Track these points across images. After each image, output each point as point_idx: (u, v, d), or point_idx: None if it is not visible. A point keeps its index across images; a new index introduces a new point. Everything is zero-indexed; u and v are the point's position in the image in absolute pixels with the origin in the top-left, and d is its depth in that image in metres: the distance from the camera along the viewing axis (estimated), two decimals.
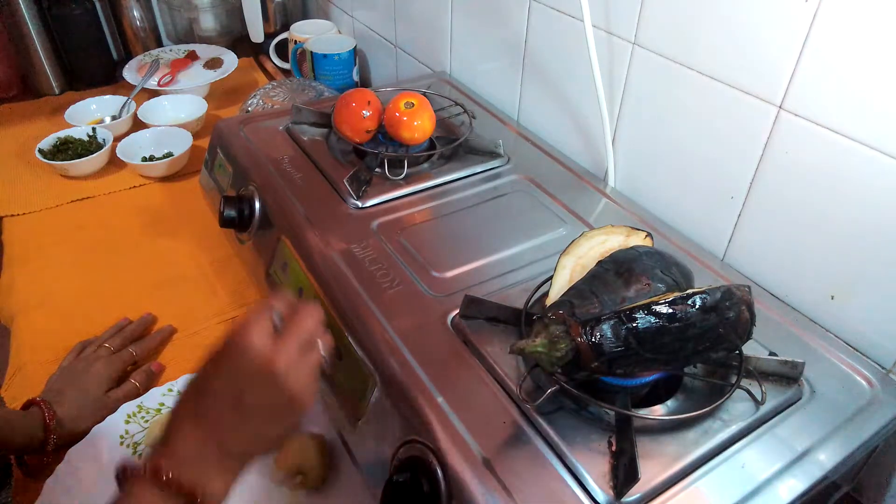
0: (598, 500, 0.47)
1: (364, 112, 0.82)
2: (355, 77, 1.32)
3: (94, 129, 1.17)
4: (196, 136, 1.18)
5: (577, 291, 0.54)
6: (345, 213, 0.76)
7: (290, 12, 1.55)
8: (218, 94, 1.38)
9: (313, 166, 0.84)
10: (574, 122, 0.89)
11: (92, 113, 1.26)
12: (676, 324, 0.47)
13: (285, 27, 1.42)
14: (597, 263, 0.56)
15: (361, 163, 0.83)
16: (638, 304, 0.48)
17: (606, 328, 0.47)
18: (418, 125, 0.82)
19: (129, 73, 1.36)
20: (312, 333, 0.51)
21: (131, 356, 0.80)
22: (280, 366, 0.47)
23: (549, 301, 0.56)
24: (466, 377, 0.56)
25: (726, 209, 0.71)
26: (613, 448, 0.50)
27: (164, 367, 0.81)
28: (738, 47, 0.64)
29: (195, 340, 0.84)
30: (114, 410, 0.74)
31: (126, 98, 1.27)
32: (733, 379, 0.54)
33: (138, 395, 0.76)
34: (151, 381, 0.79)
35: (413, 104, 0.82)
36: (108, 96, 1.29)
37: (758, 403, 0.53)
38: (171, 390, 0.76)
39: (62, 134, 1.15)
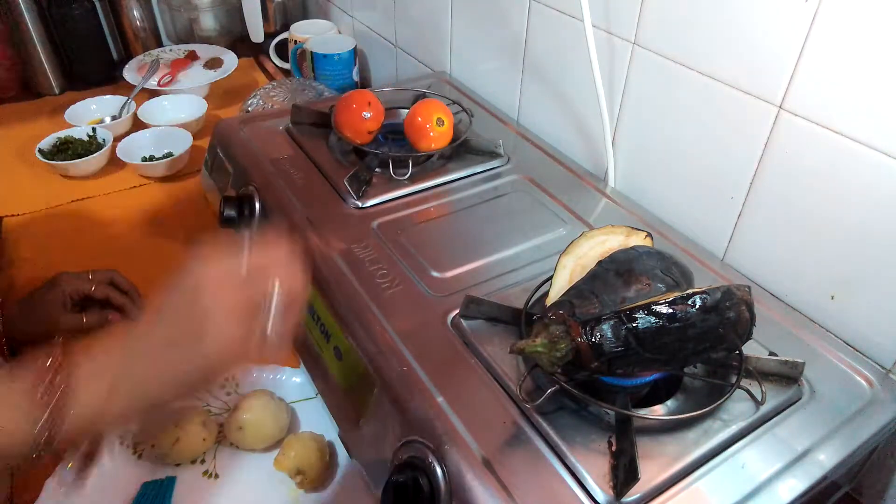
0: (598, 500, 0.47)
1: (365, 114, 0.83)
2: (355, 77, 1.32)
3: (94, 129, 1.17)
4: (196, 136, 1.17)
5: (577, 291, 0.54)
6: (345, 213, 0.76)
7: (290, 12, 1.55)
8: (218, 94, 1.38)
9: (313, 166, 0.84)
10: (574, 122, 0.89)
11: (92, 113, 1.26)
12: (676, 324, 0.47)
13: (285, 27, 1.42)
14: (597, 263, 0.56)
15: (361, 163, 0.83)
16: (638, 304, 0.48)
17: (606, 328, 0.47)
18: (439, 137, 0.83)
19: (129, 73, 1.36)
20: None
21: (89, 288, 0.80)
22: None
23: (549, 301, 0.56)
24: (466, 377, 0.56)
25: (726, 209, 0.71)
26: (613, 448, 0.50)
27: (120, 320, 0.82)
28: (738, 47, 0.64)
29: None
30: (55, 328, 0.76)
31: (126, 98, 1.27)
32: (733, 379, 0.54)
33: (79, 330, 0.78)
34: (102, 324, 0.80)
35: (444, 122, 0.83)
36: (108, 96, 1.29)
37: (758, 403, 0.53)
38: None
39: (62, 134, 1.15)
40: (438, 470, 0.50)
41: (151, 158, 1.14)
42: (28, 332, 0.77)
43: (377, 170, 0.82)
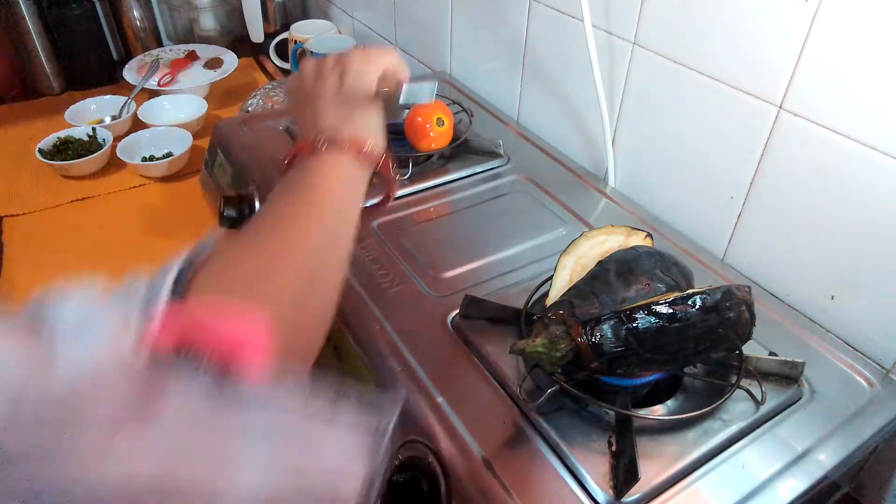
0: (598, 500, 0.47)
1: None
2: None
3: (94, 129, 1.17)
4: (196, 136, 1.18)
5: (577, 291, 0.54)
6: None
7: (290, 12, 1.54)
8: (218, 94, 1.38)
9: None
10: (574, 122, 0.89)
11: (92, 113, 1.26)
12: (676, 324, 0.47)
13: (285, 27, 1.42)
14: (597, 263, 0.56)
15: None
16: (638, 304, 0.48)
17: (606, 328, 0.47)
18: (439, 137, 0.83)
19: (129, 73, 1.36)
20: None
21: None
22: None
23: (549, 301, 0.56)
24: (466, 377, 0.56)
25: (726, 209, 0.71)
26: (613, 448, 0.50)
27: None
28: (738, 47, 0.64)
29: None
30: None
31: (126, 98, 1.27)
32: (733, 379, 0.54)
33: None
34: None
35: (444, 122, 0.83)
36: (108, 96, 1.29)
37: (758, 403, 0.53)
38: None
39: (62, 134, 1.15)
40: (438, 470, 0.50)
41: (151, 158, 1.14)
42: None
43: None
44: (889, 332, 0.60)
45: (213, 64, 1.40)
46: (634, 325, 0.47)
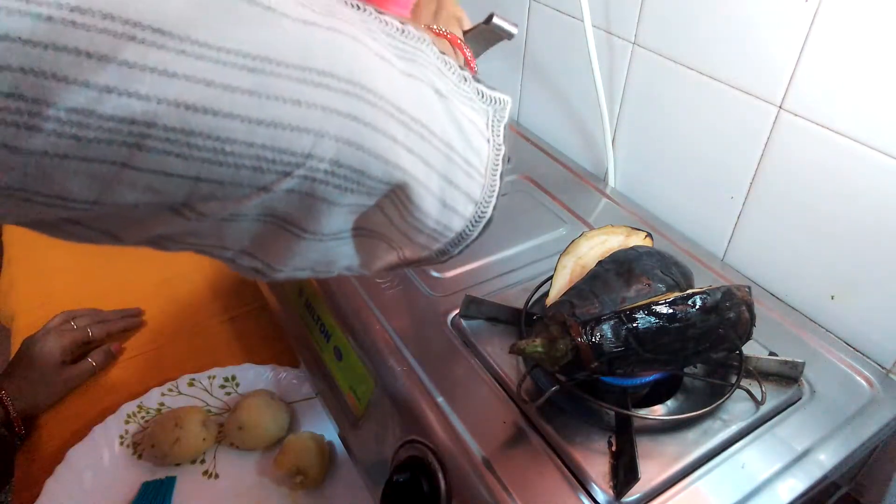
0: (598, 500, 0.47)
1: None
2: None
3: None
4: None
5: (577, 291, 0.54)
6: None
7: None
8: None
9: None
10: (574, 122, 0.89)
11: None
12: (676, 324, 0.47)
13: None
14: (597, 263, 0.56)
15: None
16: (638, 304, 0.48)
17: (606, 328, 0.47)
18: None
19: None
20: None
21: (85, 334, 0.80)
22: None
23: (549, 301, 0.56)
24: (466, 377, 0.56)
25: (726, 209, 0.71)
26: (613, 448, 0.50)
27: (125, 348, 0.83)
28: (738, 47, 0.64)
29: (195, 340, 0.84)
30: (69, 386, 0.76)
31: None
32: (733, 379, 0.54)
33: (94, 373, 0.78)
34: (109, 361, 0.81)
35: None
36: None
37: (758, 403, 0.53)
38: (171, 390, 0.76)
39: None
40: (438, 470, 0.50)
41: None
42: (44, 401, 0.75)
43: None
44: (889, 332, 0.60)
45: None
46: (634, 325, 0.47)
